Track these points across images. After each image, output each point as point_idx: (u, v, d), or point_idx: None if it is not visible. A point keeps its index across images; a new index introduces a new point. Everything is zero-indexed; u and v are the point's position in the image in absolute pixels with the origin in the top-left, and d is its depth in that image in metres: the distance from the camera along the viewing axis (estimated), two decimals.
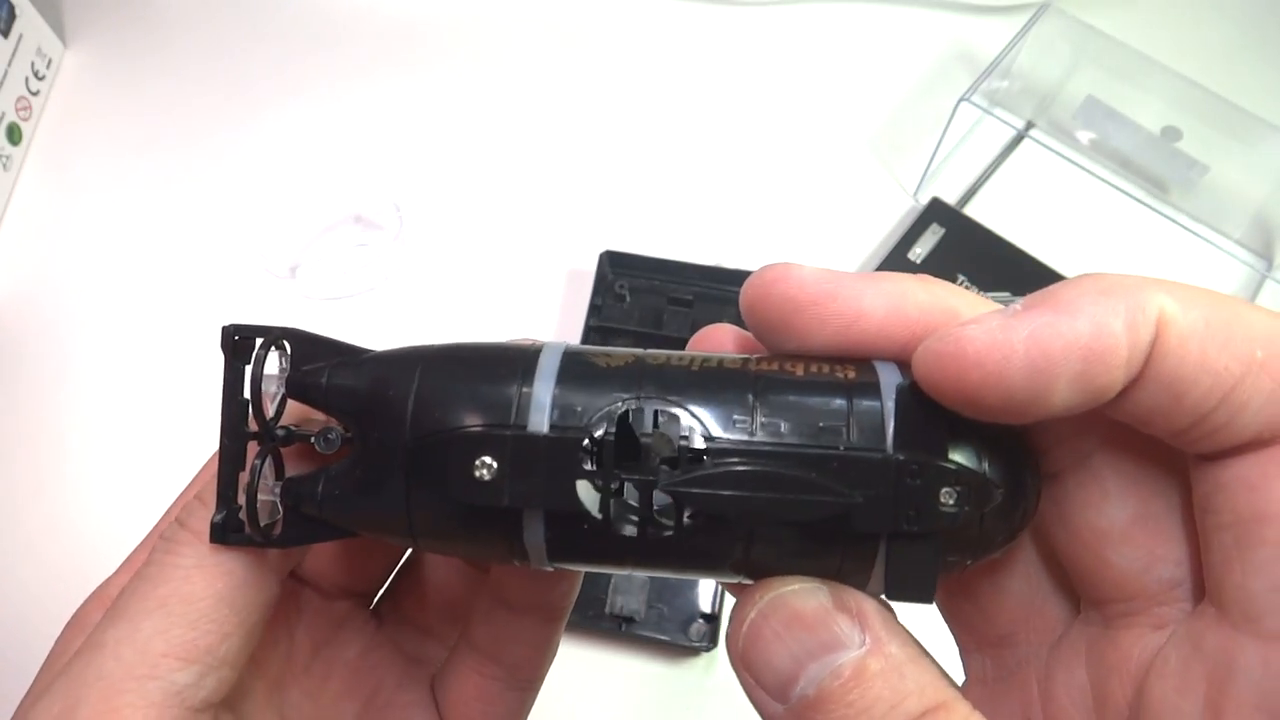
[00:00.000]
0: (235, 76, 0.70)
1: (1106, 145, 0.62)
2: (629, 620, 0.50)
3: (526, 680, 0.28)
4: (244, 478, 0.20)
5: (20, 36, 0.65)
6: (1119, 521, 0.20)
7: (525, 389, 0.19)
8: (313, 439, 0.21)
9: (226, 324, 0.20)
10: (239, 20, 0.72)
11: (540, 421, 0.19)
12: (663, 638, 0.50)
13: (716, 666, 0.51)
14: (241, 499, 0.20)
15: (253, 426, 0.21)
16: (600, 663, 0.51)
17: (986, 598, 0.23)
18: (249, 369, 0.20)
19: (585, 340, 0.57)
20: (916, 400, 0.18)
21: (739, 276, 0.58)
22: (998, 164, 0.65)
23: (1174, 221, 0.56)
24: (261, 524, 0.20)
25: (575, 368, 0.20)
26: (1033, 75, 0.64)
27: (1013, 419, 0.17)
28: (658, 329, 0.58)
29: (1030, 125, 0.65)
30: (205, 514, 0.21)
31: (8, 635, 0.53)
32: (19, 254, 0.63)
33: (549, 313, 0.61)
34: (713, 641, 0.50)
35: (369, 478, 0.20)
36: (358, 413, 0.20)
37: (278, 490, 0.21)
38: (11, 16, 0.64)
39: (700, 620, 0.51)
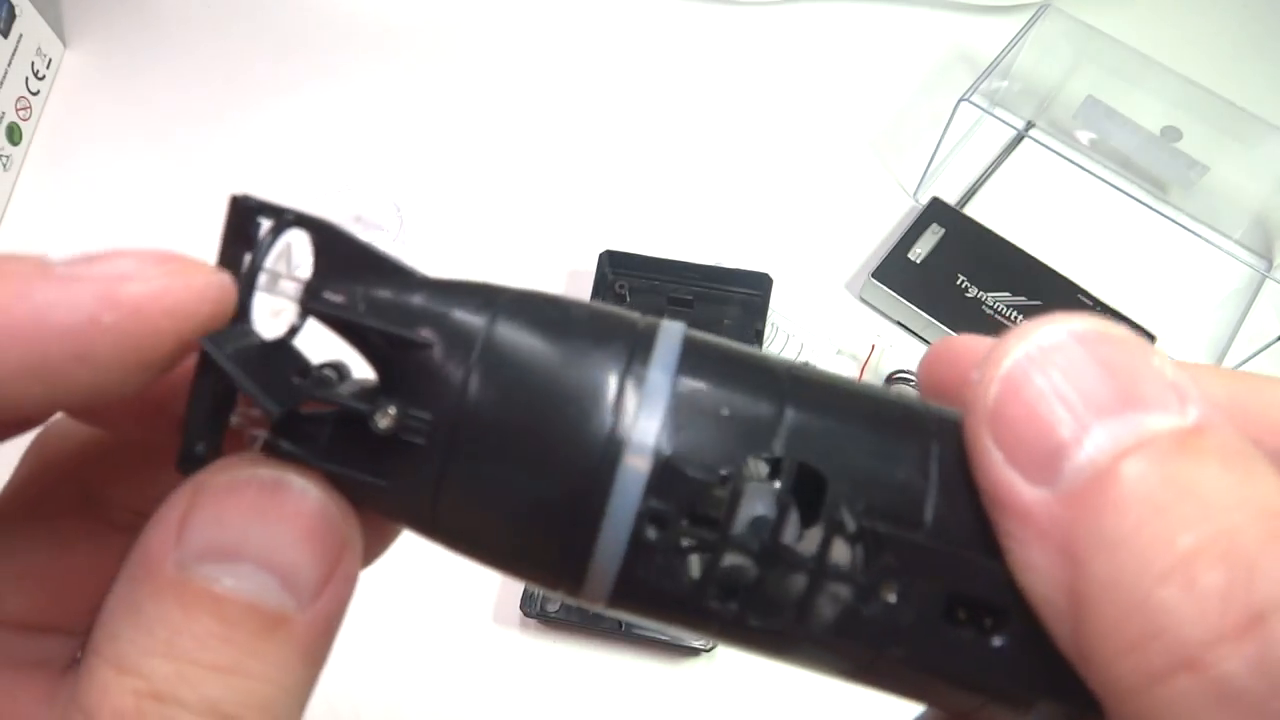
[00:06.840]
0: (235, 76, 0.70)
1: (1106, 145, 0.63)
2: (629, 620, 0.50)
3: None
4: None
5: (20, 36, 0.65)
6: None
7: (634, 381, 0.15)
8: (325, 370, 0.16)
9: (238, 193, 0.16)
10: (238, 20, 0.72)
11: (645, 445, 0.15)
12: (663, 638, 0.50)
13: (716, 666, 0.51)
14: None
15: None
16: (600, 663, 0.51)
17: None
18: (248, 257, 0.16)
19: None
20: None
21: (739, 276, 0.58)
22: (998, 164, 0.65)
23: (1174, 221, 0.56)
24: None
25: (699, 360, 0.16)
26: (1033, 75, 0.64)
27: None
28: None
29: (1030, 125, 0.65)
30: None
31: None
32: None
33: None
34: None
35: (392, 446, 0.15)
36: (392, 356, 0.16)
37: (262, 418, 0.16)
38: (11, 16, 0.64)
39: None
